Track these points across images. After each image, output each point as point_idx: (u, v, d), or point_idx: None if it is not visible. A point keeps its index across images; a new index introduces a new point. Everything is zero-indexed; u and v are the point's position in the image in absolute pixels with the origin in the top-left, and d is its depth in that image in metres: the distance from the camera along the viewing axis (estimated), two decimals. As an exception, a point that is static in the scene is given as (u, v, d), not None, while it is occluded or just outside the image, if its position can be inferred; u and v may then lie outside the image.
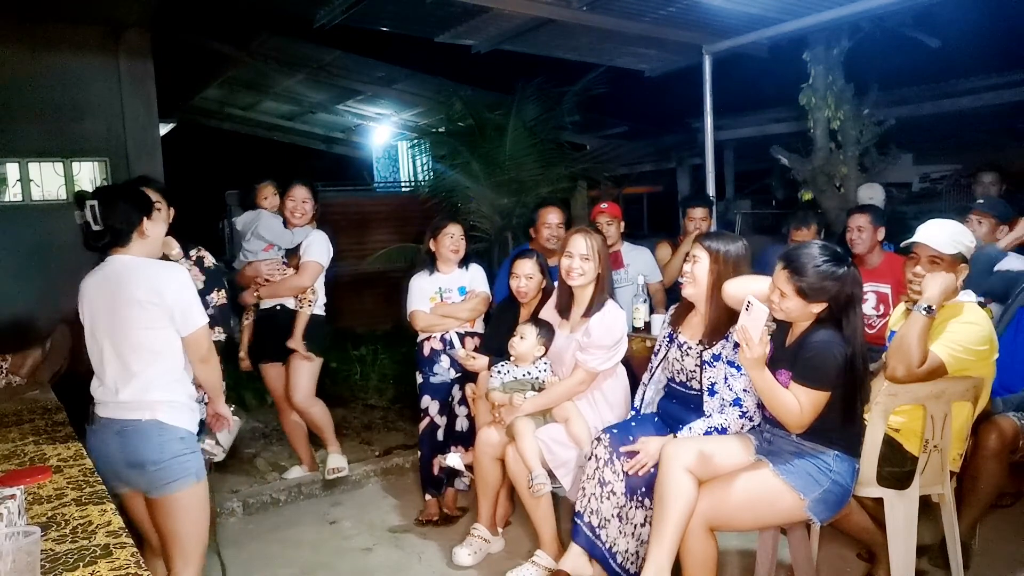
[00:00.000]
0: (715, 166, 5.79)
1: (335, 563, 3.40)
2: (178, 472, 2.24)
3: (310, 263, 3.92)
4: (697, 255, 2.80)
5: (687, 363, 2.86)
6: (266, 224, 4.00)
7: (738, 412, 2.70)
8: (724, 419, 2.70)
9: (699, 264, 2.78)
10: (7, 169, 5.72)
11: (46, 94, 5.71)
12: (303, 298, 3.95)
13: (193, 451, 2.33)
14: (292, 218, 3.99)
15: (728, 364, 2.72)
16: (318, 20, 5.24)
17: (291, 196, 4.00)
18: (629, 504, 2.77)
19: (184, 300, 2.31)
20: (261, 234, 4.00)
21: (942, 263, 2.67)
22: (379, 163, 12.86)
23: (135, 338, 2.27)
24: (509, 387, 3.23)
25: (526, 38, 5.56)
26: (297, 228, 4.01)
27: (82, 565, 1.56)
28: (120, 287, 2.28)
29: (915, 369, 2.55)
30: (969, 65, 7.24)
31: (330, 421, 4.13)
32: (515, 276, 3.57)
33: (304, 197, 4.02)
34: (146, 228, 2.38)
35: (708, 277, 2.76)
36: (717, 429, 2.69)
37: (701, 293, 2.79)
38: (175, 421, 2.29)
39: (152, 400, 2.27)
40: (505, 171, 6.20)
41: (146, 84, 6.06)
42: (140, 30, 5.95)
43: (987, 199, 4.06)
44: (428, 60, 8.04)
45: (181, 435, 2.30)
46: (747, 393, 2.69)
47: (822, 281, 2.38)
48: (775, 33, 5.03)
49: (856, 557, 3.15)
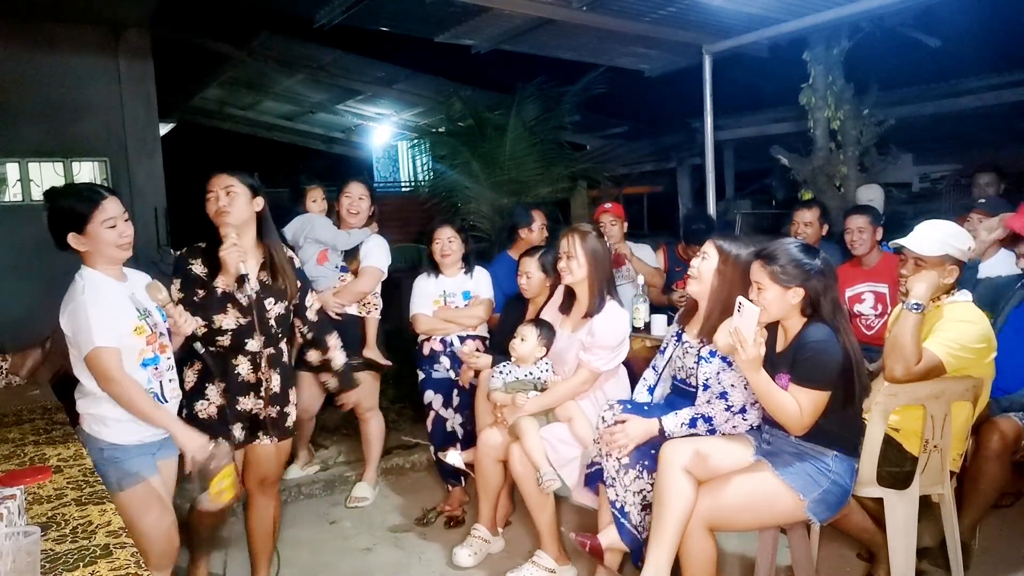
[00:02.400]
0: (715, 166, 5.79)
1: (335, 563, 3.40)
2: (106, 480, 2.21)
3: (371, 268, 3.82)
4: (707, 252, 2.80)
5: (687, 361, 2.86)
6: (322, 226, 3.85)
7: (724, 405, 2.70)
8: (711, 408, 2.70)
9: (707, 261, 2.79)
10: (7, 169, 5.73)
11: (46, 94, 5.72)
12: (367, 303, 3.86)
13: (114, 462, 2.32)
14: (348, 217, 3.84)
15: (722, 360, 2.72)
16: (318, 20, 5.25)
17: (347, 193, 3.86)
18: (630, 472, 2.76)
19: (78, 323, 2.25)
20: (318, 238, 3.84)
21: (927, 265, 2.70)
22: (379, 163, 12.88)
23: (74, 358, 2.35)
24: (511, 387, 3.23)
25: (526, 38, 5.56)
26: (354, 229, 3.87)
27: (82, 565, 1.56)
28: (64, 307, 2.31)
29: (912, 368, 2.56)
30: (969, 65, 7.24)
31: (381, 440, 4.05)
32: (519, 273, 3.67)
33: (361, 194, 3.87)
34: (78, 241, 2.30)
35: (714, 276, 2.77)
36: (703, 417, 2.70)
37: (704, 290, 2.79)
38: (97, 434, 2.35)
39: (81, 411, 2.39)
40: (505, 171, 6.20)
41: (146, 84, 6.07)
42: (140, 30, 5.96)
43: (988, 199, 4.06)
44: (428, 60, 8.06)
45: (101, 447, 2.34)
46: (735, 388, 2.70)
47: (794, 265, 2.43)
48: (775, 33, 5.03)
49: (856, 557, 3.15)
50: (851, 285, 4.01)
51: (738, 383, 2.68)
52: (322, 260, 3.85)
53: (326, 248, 3.86)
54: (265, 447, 2.83)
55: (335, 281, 3.83)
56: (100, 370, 2.27)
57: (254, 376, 2.74)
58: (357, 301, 3.85)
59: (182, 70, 8.83)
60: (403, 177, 11.74)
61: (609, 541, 2.79)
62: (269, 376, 2.75)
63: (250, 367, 2.73)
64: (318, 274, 3.81)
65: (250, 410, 2.76)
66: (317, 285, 3.79)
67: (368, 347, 3.83)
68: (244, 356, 2.72)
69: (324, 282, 3.82)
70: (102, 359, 2.26)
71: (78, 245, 2.31)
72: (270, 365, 2.75)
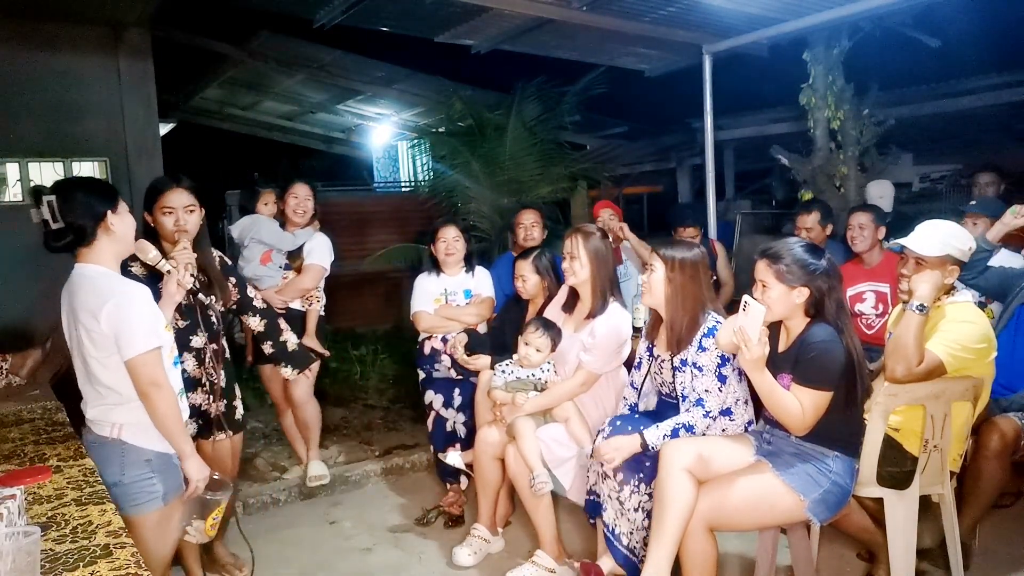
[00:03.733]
0: (715, 166, 5.80)
1: (335, 563, 3.40)
2: (140, 497, 2.13)
3: (313, 266, 3.96)
4: (653, 264, 2.82)
5: (665, 375, 2.89)
6: (266, 228, 3.98)
7: (701, 412, 2.72)
8: (690, 417, 2.72)
9: (655, 274, 2.80)
10: (7, 169, 5.72)
11: (46, 94, 5.71)
12: (310, 296, 3.98)
13: (162, 472, 2.19)
14: (294, 216, 3.99)
15: (693, 366, 2.74)
16: (318, 20, 5.25)
17: (293, 194, 4.00)
18: (625, 489, 2.77)
19: (121, 323, 2.06)
20: (261, 239, 3.97)
21: (927, 264, 2.70)
22: (379, 163, 12.87)
23: (92, 366, 2.13)
24: (512, 386, 3.24)
25: (526, 38, 5.56)
26: (298, 229, 4.01)
27: (82, 565, 1.56)
28: (73, 306, 2.12)
29: (914, 368, 2.56)
30: (969, 65, 7.24)
31: (319, 423, 4.11)
32: (515, 276, 3.71)
33: (306, 195, 4.01)
34: (111, 223, 2.15)
35: (665, 286, 2.78)
36: (684, 426, 2.71)
37: (659, 302, 2.81)
38: (142, 443, 2.17)
39: (115, 420, 2.17)
40: (505, 171, 6.20)
41: (146, 84, 6.06)
42: (140, 30, 5.95)
43: (979, 200, 4.03)
44: (428, 60, 8.05)
45: (147, 457, 2.17)
46: (709, 394, 2.71)
47: (799, 265, 2.44)
48: (775, 33, 5.04)
49: (856, 557, 3.15)
50: (853, 284, 4.00)
51: (712, 387, 2.71)
52: (265, 260, 3.98)
53: (270, 249, 3.99)
54: (223, 444, 3.02)
55: (279, 280, 3.98)
56: (148, 375, 2.10)
57: (200, 371, 2.89)
58: (300, 297, 3.98)
59: (182, 70, 8.83)
60: (403, 177, 11.73)
61: (610, 567, 2.83)
62: (213, 371, 2.89)
63: (195, 363, 2.89)
64: (262, 273, 3.95)
65: (199, 405, 2.91)
66: (261, 284, 3.95)
67: (307, 335, 3.93)
68: (189, 353, 2.87)
69: (268, 281, 3.95)
70: (151, 363, 2.10)
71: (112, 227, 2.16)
72: (214, 360, 2.90)
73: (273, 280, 3.97)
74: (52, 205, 2.10)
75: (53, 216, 2.11)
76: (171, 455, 2.24)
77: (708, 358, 2.72)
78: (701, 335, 2.74)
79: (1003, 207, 3.62)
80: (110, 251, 2.19)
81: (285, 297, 3.94)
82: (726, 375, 2.73)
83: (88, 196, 2.15)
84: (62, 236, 2.12)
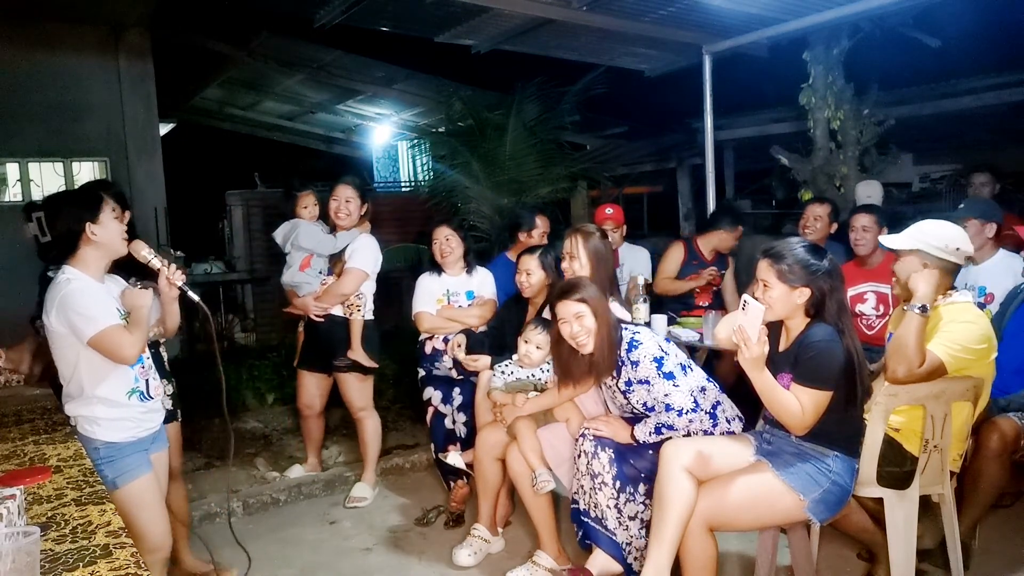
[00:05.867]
0: (715, 166, 5.80)
1: (335, 563, 3.40)
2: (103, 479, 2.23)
3: (353, 270, 3.75)
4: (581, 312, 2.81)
5: (619, 399, 2.93)
6: (305, 233, 3.84)
7: (676, 412, 2.75)
8: (668, 418, 2.75)
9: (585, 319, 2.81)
10: (7, 169, 5.73)
11: (46, 94, 5.72)
12: (351, 304, 3.80)
13: (110, 460, 2.37)
14: (336, 219, 3.81)
15: (639, 383, 2.80)
16: (318, 20, 5.25)
17: (334, 196, 3.80)
18: (621, 496, 2.78)
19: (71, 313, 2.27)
20: (301, 244, 3.84)
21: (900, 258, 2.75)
22: (379, 163, 12.87)
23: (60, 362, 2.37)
24: (512, 387, 3.24)
25: (526, 38, 5.56)
26: (342, 232, 3.84)
27: (82, 565, 1.55)
28: (50, 306, 2.31)
29: (915, 369, 2.56)
30: (969, 65, 7.23)
31: (378, 440, 4.04)
32: (518, 271, 3.65)
33: (348, 196, 3.80)
34: (91, 233, 2.33)
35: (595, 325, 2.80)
36: (665, 425, 2.75)
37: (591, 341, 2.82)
38: (91, 434, 2.39)
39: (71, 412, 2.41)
40: (505, 171, 6.20)
41: (146, 84, 6.07)
42: (140, 30, 5.97)
43: (967, 202, 3.95)
44: (428, 60, 8.05)
45: (96, 446, 2.38)
46: (670, 396, 2.75)
47: (801, 265, 2.44)
48: (775, 33, 5.04)
49: (856, 557, 3.15)
50: (853, 284, 3.99)
51: (669, 390, 2.75)
52: (305, 266, 3.87)
53: (310, 254, 3.87)
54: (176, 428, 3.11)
55: (316, 286, 3.85)
56: (113, 346, 2.28)
57: None
58: (340, 303, 3.83)
59: (182, 70, 8.83)
60: (403, 177, 11.73)
61: (599, 568, 2.81)
62: None
63: None
64: (301, 280, 3.83)
65: None
66: (299, 291, 3.84)
67: (353, 349, 3.80)
68: None
69: (306, 288, 3.84)
70: (111, 336, 2.28)
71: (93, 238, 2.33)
72: None
73: (311, 287, 3.83)
74: (41, 221, 2.27)
75: (42, 231, 2.27)
76: (119, 444, 2.42)
77: (646, 368, 2.78)
78: (624, 353, 2.81)
79: (993, 208, 3.61)
80: (93, 257, 2.38)
81: (323, 303, 3.78)
82: (671, 372, 2.78)
83: (70, 209, 2.34)
84: (50, 249, 2.31)
